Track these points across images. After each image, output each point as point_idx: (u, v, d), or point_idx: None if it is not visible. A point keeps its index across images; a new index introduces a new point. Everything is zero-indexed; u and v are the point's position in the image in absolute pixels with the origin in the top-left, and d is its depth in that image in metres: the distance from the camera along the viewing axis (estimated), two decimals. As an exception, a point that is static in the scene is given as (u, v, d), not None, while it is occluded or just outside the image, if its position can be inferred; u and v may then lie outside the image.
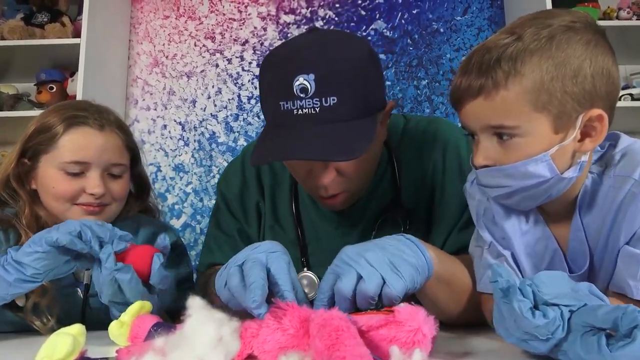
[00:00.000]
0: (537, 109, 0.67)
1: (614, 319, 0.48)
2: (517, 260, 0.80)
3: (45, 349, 0.50)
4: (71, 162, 0.93)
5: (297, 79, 0.79)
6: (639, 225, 0.67)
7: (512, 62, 0.66)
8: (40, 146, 0.95)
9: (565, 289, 0.55)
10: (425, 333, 0.54)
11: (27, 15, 2.12)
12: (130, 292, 0.74)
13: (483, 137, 0.71)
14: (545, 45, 0.66)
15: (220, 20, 2.34)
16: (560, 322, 0.52)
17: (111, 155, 0.97)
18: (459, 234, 0.92)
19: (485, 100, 0.68)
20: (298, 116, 0.80)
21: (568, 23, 0.68)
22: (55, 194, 0.94)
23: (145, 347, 0.53)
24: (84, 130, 0.96)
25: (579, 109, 0.67)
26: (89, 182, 0.94)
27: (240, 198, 1.06)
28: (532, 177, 0.69)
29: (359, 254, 0.64)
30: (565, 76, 0.66)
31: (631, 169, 0.69)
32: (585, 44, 0.67)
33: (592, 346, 0.49)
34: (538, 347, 0.54)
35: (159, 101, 2.30)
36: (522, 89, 0.66)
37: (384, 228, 0.97)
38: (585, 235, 0.74)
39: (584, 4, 1.98)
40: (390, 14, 2.29)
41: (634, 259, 0.67)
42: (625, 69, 2.21)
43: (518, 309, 0.53)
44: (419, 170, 0.98)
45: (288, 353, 0.53)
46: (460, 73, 0.72)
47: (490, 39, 0.71)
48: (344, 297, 0.62)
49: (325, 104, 0.79)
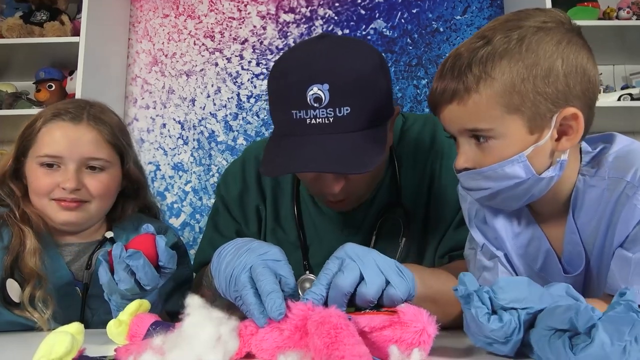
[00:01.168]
0: (510, 110, 0.67)
1: (569, 319, 0.49)
2: (511, 260, 0.80)
3: (44, 348, 0.50)
4: (45, 155, 0.94)
5: (311, 89, 0.79)
6: (632, 227, 0.67)
7: (482, 66, 0.67)
8: (26, 142, 0.97)
9: (523, 293, 0.57)
10: (430, 333, 0.54)
11: (26, 13, 2.12)
12: (145, 278, 0.75)
13: (462, 140, 0.72)
14: (515, 48, 0.67)
15: (220, 19, 2.34)
16: (516, 325, 0.55)
17: (86, 149, 0.95)
18: (454, 232, 0.93)
19: (458, 105, 0.69)
20: (311, 126, 0.79)
21: (540, 24, 0.68)
22: (34, 188, 0.95)
23: (144, 346, 0.53)
24: (57, 124, 0.96)
25: (553, 108, 0.67)
26: (62, 176, 0.93)
27: (239, 201, 1.05)
28: (510, 178, 0.69)
29: (365, 253, 0.63)
30: (536, 77, 0.66)
31: (624, 171, 0.69)
32: (557, 43, 0.67)
33: (559, 350, 0.49)
34: (500, 349, 0.57)
35: (158, 100, 2.30)
36: (494, 92, 0.67)
37: (385, 228, 0.98)
38: (580, 236, 0.74)
39: (584, 3, 1.97)
40: (389, 13, 2.29)
41: (626, 262, 0.67)
42: (624, 69, 2.21)
43: (475, 314, 0.56)
44: (417, 170, 0.99)
45: (287, 352, 0.52)
46: (436, 78, 0.73)
47: (463, 44, 0.72)
48: (341, 293, 0.60)
49: (339, 114, 0.79)
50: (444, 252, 0.95)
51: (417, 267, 0.80)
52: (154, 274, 0.76)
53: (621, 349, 0.46)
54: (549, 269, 0.78)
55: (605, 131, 0.78)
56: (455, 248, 0.92)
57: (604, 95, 1.96)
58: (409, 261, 0.96)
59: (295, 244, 1.01)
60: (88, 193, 0.95)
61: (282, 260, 0.66)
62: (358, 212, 0.99)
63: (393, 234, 0.97)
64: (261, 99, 2.27)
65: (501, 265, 0.79)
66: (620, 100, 1.94)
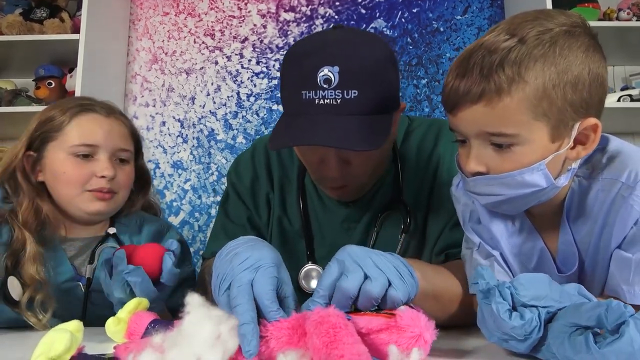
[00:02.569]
0: (537, 117, 0.65)
1: (597, 315, 0.48)
2: (506, 260, 0.80)
3: (43, 346, 0.50)
4: (80, 144, 0.95)
5: (321, 70, 0.82)
6: (629, 228, 0.67)
7: (516, 67, 0.63)
8: (48, 134, 0.97)
9: (544, 290, 0.55)
10: (426, 339, 0.54)
11: (26, 10, 2.11)
12: (142, 293, 0.75)
13: (477, 142, 0.69)
14: (549, 51, 0.64)
15: (220, 17, 2.33)
16: (537, 323, 0.54)
17: (118, 141, 0.99)
18: (450, 232, 0.95)
19: (485, 106, 0.65)
20: (319, 106, 0.82)
21: (568, 27, 0.66)
22: (67, 179, 0.95)
23: (143, 344, 0.53)
24: (92, 115, 0.99)
25: (576, 117, 0.66)
26: (98, 165, 0.95)
27: (251, 188, 1.08)
28: (528, 186, 0.68)
29: (366, 255, 0.62)
30: (567, 84, 0.64)
31: (619, 172, 0.68)
32: (585, 50, 0.65)
33: (580, 346, 0.49)
34: (517, 347, 0.56)
35: (158, 98, 2.30)
36: (525, 96, 0.64)
37: (386, 224, 1.00)
38: (574, 238, 0.74)
39: (584, 4, 1.97)
40: (390, 13, 2.28)
41: (626, 263, 0.67)
42: (624, 70, 2.21)
43: (496, 310, 0.54)
44: (419, 170, 1.00)
45: (287, 352, 0.52)
46: (458, 74, 0.68)
47: (488, 39, 0.67)
48: (347, 296, 0.59)
49: (347, 97, 0.81)
50: (441, 250, 0.96)
51: (420, 263, 0.80)
52: (151, 289, 0.76)
53: None
54: (544, 269, 0.78)
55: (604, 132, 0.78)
56: (452, 246, 0.93)
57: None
58: (408, 256, 0.97)
59: (300, 233, 1.03)
60: (117, 184, 0.98)
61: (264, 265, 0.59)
62: (359, 207, 1.01)
63: (393, 230, 0.98)
64: (261, 98, 2.27)
65: (497, 264, 0.79)
66: (620, 101, 1.94)
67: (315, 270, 0.97)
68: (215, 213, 2.19)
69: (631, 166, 0.68)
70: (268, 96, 2.27)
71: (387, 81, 0.86)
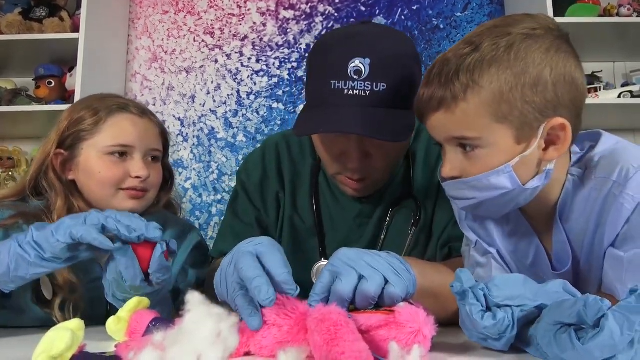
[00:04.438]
0: (498, 119, 0.66)
1: (577, 312, 0.49)
2: (503, 257, 0.80)
3: (44, 344, 0.50)
4: (116, 145, 0.95)
5: (353, 61, 0.83)
6: (621, 226, 0.67)
7: (469, 74, 0.66)
8: (82, 133, 0.96)
9: (518, 290, 0.57)
10: (425, 335, 0.54)
11: (26, 9, 2.11)
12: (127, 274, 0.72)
13: (448, 148, 0.71)
14: (504, 55, 0.65)
15: (220, 15, 2.33)
16: (510, 322, 0.56)
17: (151, 141, 1.00)
18: (454, 226, 0.96)
19: (446, 113, 0.68)
20: (348, 96, 0.83)
21: (528, 30, 0.67)
22: (102, 179, 0.95)
23: (144, 342, 0.53)
24: (127, 116, 0.99)
25: (541, 118, 0.66)
26: (133, 166, 0.96)
27: (260, 187, 1.09)
28: (495, 188, 0.69)
29: (359, 257, 0.62)
30: (525, 85, 0.65)
31: (611, 171, 0.69)
32: (545, 51, 0.66)
33: (565, 343, 0.50)
34: (494, 345, 0.58)
35: (158, 96, 2.30)
36: (481, 100, 0.66)
37: (397, 218, 1.03)
38: (567, 237, 0.74)
39: (584, 0, 1.97)
40: (390, 10, 2.28)
41: (618, 261, 0.67)
42: (625, 66, 2.20)
43: (469, 311, 0.56)
44: (428, 167, 1.03)
45: (287, 349, 0.52)
46: (423, 84, 0.72)
47: (451, 49, 0.70)
48: (342, 299, 0.59)
49: (376, 89, 0.83)
50: (444, 243, 0.99)
51: (418, 262, 0.81)
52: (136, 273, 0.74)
53: (630, 339, 0.46)
54: (540, 267, 0.78)
55: (605, 129, 0.78)
56: (455, 239, 0.96)
57: (604, 93, 1.96)
58: (417, 249, 1.01)
59: (312, 230, 1.05)
60: (150, 183, 0.99)
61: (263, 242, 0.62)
62: (371, 202, 1.03)
63: (404, 224, 1.01)
64: (261, 96, 2.27)
65: (494, 261, 0.80)
66: (621, 97, 1.94)
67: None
68: (215, 211, 2.20)
69: (622, 163, 0.68)
70: (268, 94, 2.27)
71: (413, 77, 0.88)
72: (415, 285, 0.64)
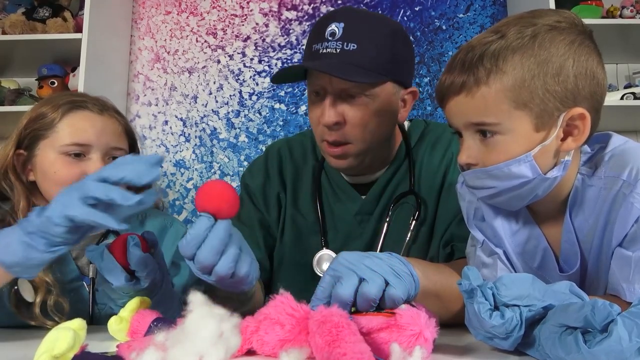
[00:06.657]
0: (518, 106, 0.67)
1: (584, 317, 0.48)
2: (509, 258, 0.80)
3: (46, 344, 0.50)
4: (71, 144, 0.92)
5: (330, 26, 0.94)
6: (630, 226, 0.67)
7: (494, 60, 0.67)
8: (39, 132, 0.94)
9: (526, 290, 0.57)
10: (427, 337, 0.54)
11: (29, 9, 2.11)
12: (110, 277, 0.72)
13: (467, 134, 0.72)
14: (528, 44, 0.67)
15: (222, 16, 2.33)
16: (517, 322, 0.55)
17: (111, 139, 0.96)
18: (457, 226, 0.98)
19: (466, 97, 0.69)
20: (321, 54, 0.93)
21: (553, 22, 0.68)
22: (57, 179, 0.91)
23: (146, 342, 0.53)
24: (84, 113, 0.95)
25: (561, 107, 0.67)
26: (90, 166, 0.91)
27: (262, 189, 1.14)
28: (516, 177, 0.69)
29: (359, 260, 0.63)
30: (547, 74, 0.66)
31: (620, 170, 0.69)
32: (569, 43, 0.67)
33: (570, 346, 0.49)
34: (501, 344, 0.57)
35: (160, 97, 2.30)
36: (503, 86, 0.66)
37: (398, 214, 1.05)
38: (576, 236, 0.74)
39: (587, 2, 1.96)
40: (392, 11, 2.28)
41: (626, 261, 0.67)
42: (628, 68, 2.20)
43: (477, 309, 0.56)
44: (431, 170, 1.06)
45: (289, 349, 0.52)
46: (445, 71, 0.73)
47: (475, 38, 0.71)
48: (343, 302, 0.59)
49: (346, 48, 0.92)
50: (447, 242, 1.00)
51: (421, 262, 0.81)
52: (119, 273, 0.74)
53: (638, 346, 0.46)
54: (546, 268, 0.78)
55: (608, 130, 0.78)
56: (458, 239, 0.97)
57: (606, 94, 1.96)
58: (418, 244, 1.02)
59: (315, 227, 1.08)
60: None
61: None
62: (373, 199, 1.06)
63: (405, 219, 1.03)
64: (263, 96, 2.27)
65: (500, 262, 0.80)
66: (623, 99, 1.93)
67: (327, 255, 1.03)
68: (217, 212, 2.19)
69: (632, 163, 0.68)
70: (270, 95, 2.27)
71: (391, 48, 0.95)
72: (418, 286, 0.64)
